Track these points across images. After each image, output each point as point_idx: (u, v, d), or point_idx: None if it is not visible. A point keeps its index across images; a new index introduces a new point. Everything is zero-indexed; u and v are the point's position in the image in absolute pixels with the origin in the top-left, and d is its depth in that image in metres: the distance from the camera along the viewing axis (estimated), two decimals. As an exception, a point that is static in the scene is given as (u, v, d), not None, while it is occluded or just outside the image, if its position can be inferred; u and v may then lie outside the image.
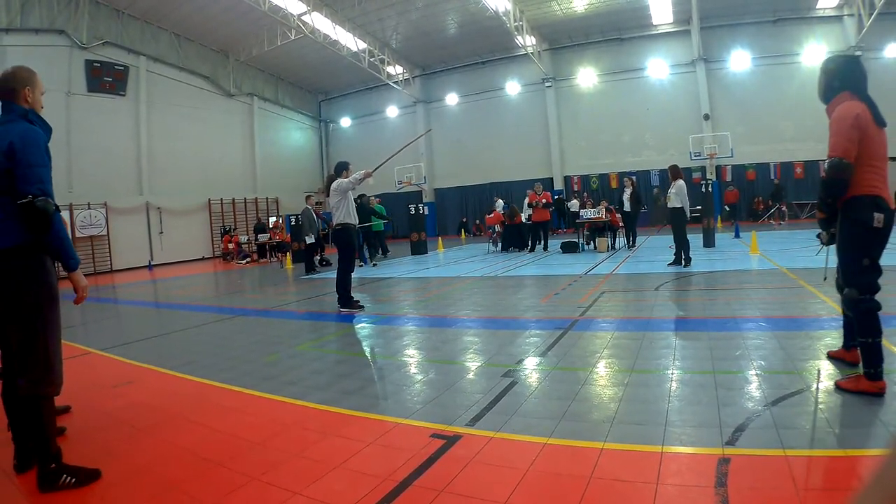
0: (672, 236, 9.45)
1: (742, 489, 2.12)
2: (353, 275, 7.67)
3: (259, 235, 20.74)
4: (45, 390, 2.57)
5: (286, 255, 16.58)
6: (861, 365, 3.07)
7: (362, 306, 7.36)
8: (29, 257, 2.55)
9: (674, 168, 9.71)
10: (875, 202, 3.01)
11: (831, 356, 3.66)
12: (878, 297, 3.02)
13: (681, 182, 9.36)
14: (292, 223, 16.45)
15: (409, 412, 3.28)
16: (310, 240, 13.55)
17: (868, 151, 3.01)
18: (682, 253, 9.24)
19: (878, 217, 2.99)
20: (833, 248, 3.28)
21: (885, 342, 3.22)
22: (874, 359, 2.95)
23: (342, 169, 7.43)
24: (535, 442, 2.72)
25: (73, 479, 2.55)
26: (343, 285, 7.32)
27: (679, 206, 9.22)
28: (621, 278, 8.72)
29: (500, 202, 22.01)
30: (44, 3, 17.60)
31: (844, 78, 3.18)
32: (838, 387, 3.10)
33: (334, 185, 7.23)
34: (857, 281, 3.04)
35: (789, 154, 21.26)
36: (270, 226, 21.63)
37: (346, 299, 7.31)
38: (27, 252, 2.54)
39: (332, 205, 7.25)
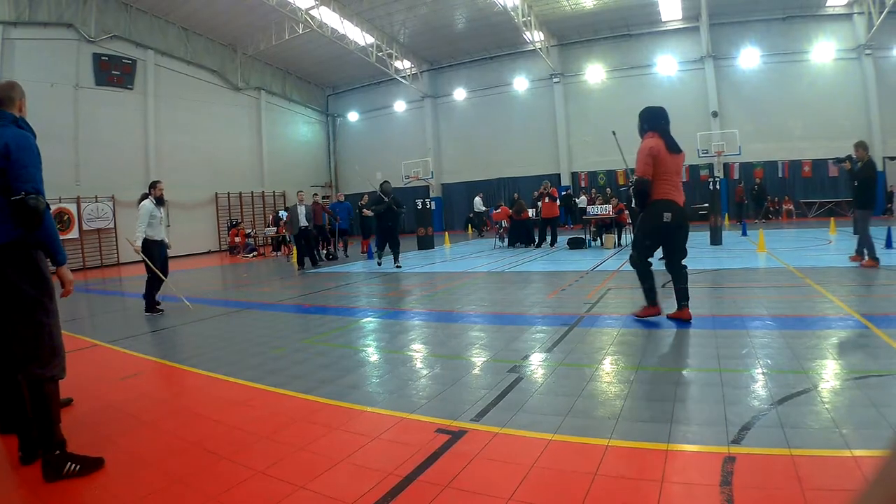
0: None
1: (747, 488, 2.11)
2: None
3: (266, 229, 20.78)
4: (53, 372, 2.66)
5: (293, 249, 16.62)
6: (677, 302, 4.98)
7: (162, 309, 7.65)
8: (24, 252, 2.67)
9: None
10: (667, 204, 4.79)
11: (669, 317, 5.00)
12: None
13: None
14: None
15: (414, 407, 3.28)
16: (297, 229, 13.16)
17: (662, 170, 4.77)
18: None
19: (667, 214, 4.77)
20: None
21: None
22: (652, 295, 5.08)
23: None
24: (540, 438, 2.71)
25: (79, 467, 2.58)
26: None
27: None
28: (628, 275, 8.65)
29: (479, 199, 22.58)
30: (52, -4, 17.65)
31: (649, 121, 4.94)
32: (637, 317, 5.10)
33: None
34: (637, 250, 5.04)
35: (798, 152, 21.09)
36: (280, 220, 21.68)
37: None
38: (22, 247, 2.66)
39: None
